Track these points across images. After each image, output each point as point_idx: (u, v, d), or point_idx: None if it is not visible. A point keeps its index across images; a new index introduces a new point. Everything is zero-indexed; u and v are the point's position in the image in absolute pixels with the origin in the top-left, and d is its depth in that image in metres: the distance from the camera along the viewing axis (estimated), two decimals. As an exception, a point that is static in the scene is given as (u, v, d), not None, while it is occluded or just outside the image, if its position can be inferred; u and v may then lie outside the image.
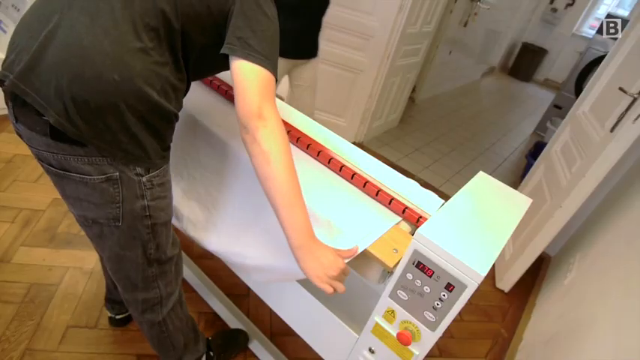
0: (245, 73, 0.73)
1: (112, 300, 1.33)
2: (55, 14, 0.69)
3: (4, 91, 0.72)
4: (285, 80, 2.07)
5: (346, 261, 0.79)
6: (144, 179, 0.79)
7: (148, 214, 0.83)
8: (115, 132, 0.71)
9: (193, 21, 0.75)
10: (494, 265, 2.07)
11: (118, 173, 0.76)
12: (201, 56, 0.82)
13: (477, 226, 0.75)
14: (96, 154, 0.73)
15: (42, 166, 0.80)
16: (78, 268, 1.56)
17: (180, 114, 0.83)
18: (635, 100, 1.42)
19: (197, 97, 1.18)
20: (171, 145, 0.86)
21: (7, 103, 0.75)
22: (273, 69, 0.75)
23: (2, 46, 2.22)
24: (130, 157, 0.75)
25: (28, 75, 0.67)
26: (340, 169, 0.98)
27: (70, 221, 1.74)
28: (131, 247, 0.86)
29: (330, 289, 0.76)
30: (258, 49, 0.73)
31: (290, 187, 0.75)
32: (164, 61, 0.74)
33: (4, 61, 0.72)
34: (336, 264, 0.77)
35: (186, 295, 1.53)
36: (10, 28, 2.23)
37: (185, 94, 0.87)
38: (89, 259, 1.60)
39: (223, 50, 0.75)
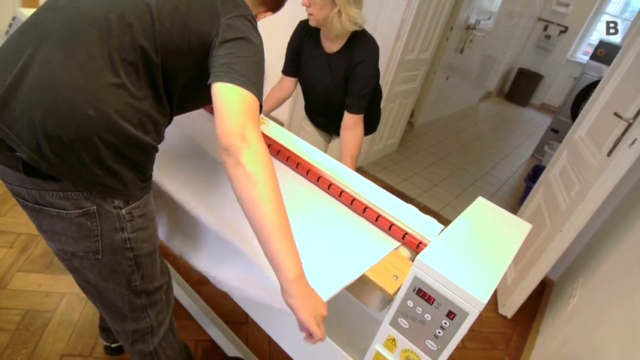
0: (228, 95, 0.70)
1: (107, 328, 1.31)
2: (29, 47, 0.68)
3: None
4: (286, 105, 2.08)
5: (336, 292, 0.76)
6: (123, 212, 0.77)
7: (129, 246, 0.81)
8: (90, 166, 0.69)
9: (174, 55, 0.75)
10: (496, 291, 2.05)
11: (95, 207, 0.74)
12: (184, 89, 0.81)
13: (477, 253, 0.74)
14: (71, 188, 0.71)
15: (17, 201, 0.78)
16: (75, 294, 1.54)
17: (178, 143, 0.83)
18: (630, 124, 1.44)
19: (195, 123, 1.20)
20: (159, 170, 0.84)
21: None
22: (258, 94, 0.74)
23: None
24: (107, 191, 0.73)
25: (0, 110, 0.66)
26: (340, 195, 0.98)
27: (68, 246, 1.73)
28: (113, 280, 0.84)
29: (318, 334, 0.70)
30: (243, 73, 0.72)
31: (280, 212, 0.68)
32: (143, 95, 0.73)
33: None
34: (323, 304, 0.72)
35: (184, 322, 1.51)
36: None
37: (167, 125, 0.85)
38: (86, 285, 1.58)
39: (210, 80, 0.73)
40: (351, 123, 1.44)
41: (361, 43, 1.40)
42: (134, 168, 0.76)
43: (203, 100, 0.89)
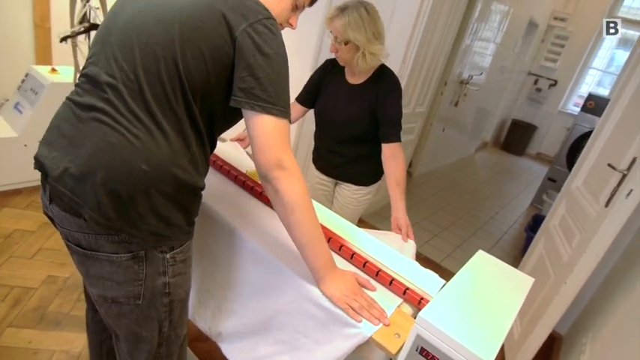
0: (256, 126, 0.76)
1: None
2: (82, 116, 0.75)
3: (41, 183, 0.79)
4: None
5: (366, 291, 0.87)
6: (167, 256, 0.81)
7: (167, 291, 0.84)
8: (146, 217, 0.74)
9: (202, 88, 0.77)
10: (503, 346, 1.96)
11: (144, 251, 0.77)
12: (224, 115, 0.83)
13: (480, 309, 0.73)
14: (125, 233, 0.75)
15: (69, 246, 0.81)
16: (64, 351, 1.48)
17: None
18: (624, 175, 1.46)
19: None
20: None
21: (43, 187, 0.80)
22: (282, 113, 0.76)
23: (17, 126, 2.32)
24: (157, 238, 0.77)
25: (63, 177, 0.73)
26: (340, 249, 0.98)
27: (61, 300, 1.69)
28: (147, 327, 0.86)
29: (346, 307, 0.80)
30: (263, 97, 0.75)
31: (313, 231, 0.81)
32: (188, 137, 0.77)
33: (39, 149, 0.78)
34: (351, 289, 0.83)
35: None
36: (27, 110, 2.34)
37: (212, 152, 0.90)
38: (78, 342, 1.52)
39: (231, 103, 0.77)
40: (390, 153, 1.44)
41: (387, 76, 1.47)
42: (183, 211, 0.80)
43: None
